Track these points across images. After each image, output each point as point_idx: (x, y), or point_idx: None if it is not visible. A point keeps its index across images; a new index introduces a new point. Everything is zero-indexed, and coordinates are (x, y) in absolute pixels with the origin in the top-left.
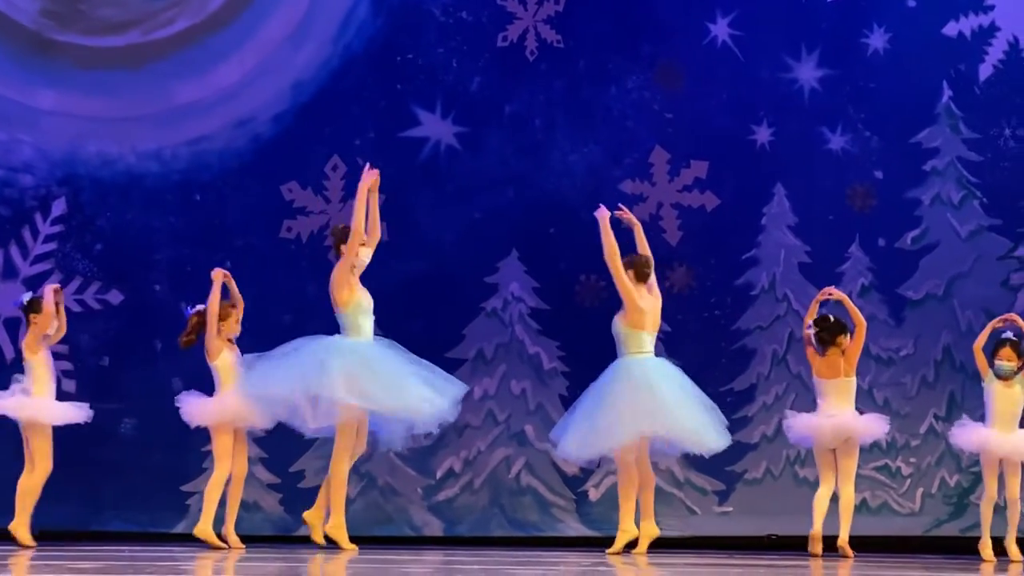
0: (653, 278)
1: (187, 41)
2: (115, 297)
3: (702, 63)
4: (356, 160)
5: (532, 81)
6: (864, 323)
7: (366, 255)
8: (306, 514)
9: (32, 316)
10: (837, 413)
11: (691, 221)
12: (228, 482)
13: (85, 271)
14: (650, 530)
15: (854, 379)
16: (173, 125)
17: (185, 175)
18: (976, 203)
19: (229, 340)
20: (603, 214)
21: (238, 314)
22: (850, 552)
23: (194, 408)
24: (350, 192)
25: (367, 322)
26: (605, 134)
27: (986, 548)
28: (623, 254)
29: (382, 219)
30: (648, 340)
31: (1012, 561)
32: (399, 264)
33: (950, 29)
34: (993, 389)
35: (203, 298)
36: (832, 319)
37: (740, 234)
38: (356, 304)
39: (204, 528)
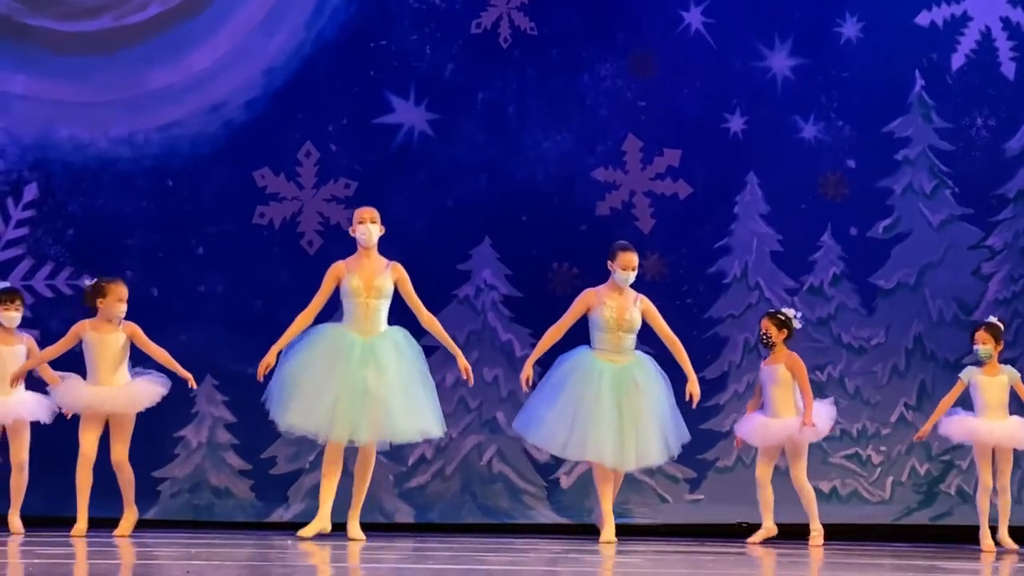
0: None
1: (160, 26)
2: (87, 283)
3: (675, 52)
4: (329, 146)
5: (505, 69)
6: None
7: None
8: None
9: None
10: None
11: (664, 209)
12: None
13: (57, 256)
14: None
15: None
16: (145, 110)
17: (157, 160)
18: (948, 192)
19: (109, 321)
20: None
21: (117, 293)
22: (1012, 544)
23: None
24: (323, 179)
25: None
26: (578, 122)
27: (986, 538)
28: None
29: (352, 206)
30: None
31: (1008, 551)
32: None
33: (922, 19)
34: (979, 382)
35: (176, 285)
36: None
37: (713, 223)
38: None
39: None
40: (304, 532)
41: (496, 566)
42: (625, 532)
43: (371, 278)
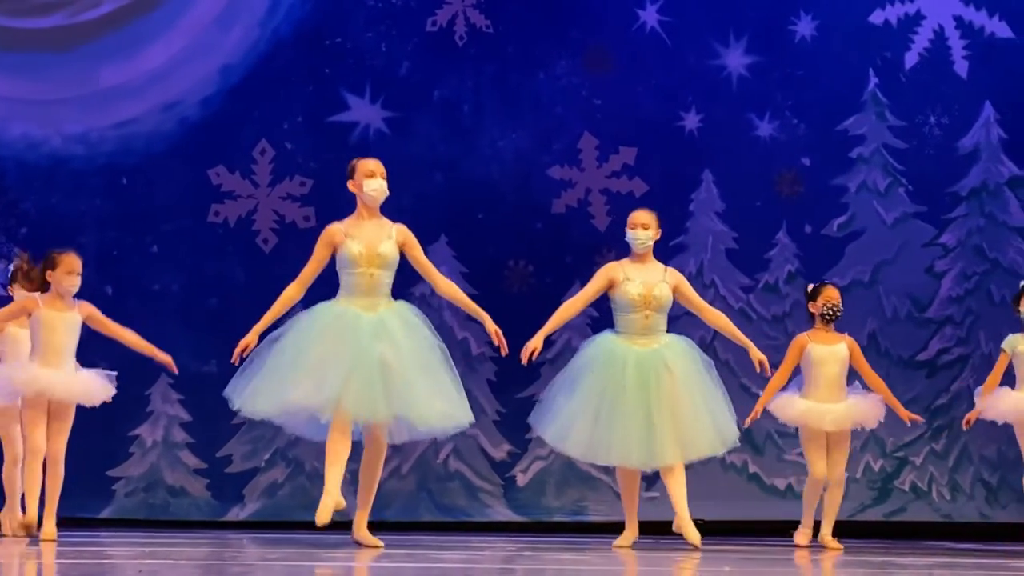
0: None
1: (114, 23)
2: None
3: (631, 49)
4: (284, 144)
5: (461, 66)
6: None
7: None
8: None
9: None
10: None
11: (619, 207)
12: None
13: (9, 255)
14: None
15: None
16: (100, 108)
17: (112, 158)
18: (902, 190)
19: (60, 298)
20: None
21: (68, 264)
22: None
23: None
24: (278, 177)
25: None
26: (534, 120)
27: None
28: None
29: (308, 204)
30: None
31: None
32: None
33: (876, 17)
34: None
35: (130, 283)
36: None
37: (668, 220)
38: None
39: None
40: (321, 516)
41: (452, 564)
42: (581, 530)
43: (375, 244)
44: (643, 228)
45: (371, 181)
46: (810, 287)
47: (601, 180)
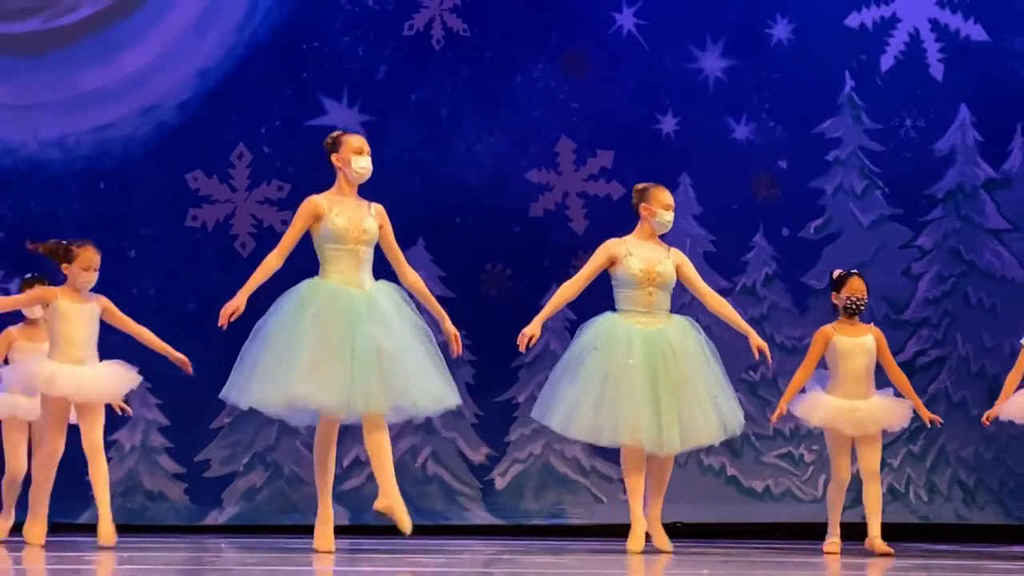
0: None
1: (91, 28)
2: (18, 287)
3: (608, 53)
4: (262, 148)
5: (438, 70)
6: None
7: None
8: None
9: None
10: None
11: (597, 210)
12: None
13: None
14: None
15: None
16: (77, 112)
17: (89, 163)
18: (878, 193)
19: (76, 291)
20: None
21: (86, 258)
22: None
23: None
24: (256, 181)
25: None
26: (511, 123)
27: None
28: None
29: (286, 208)
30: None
31: None
32: (303, 255)
33: (852, 20)
34: None
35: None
36: None
37: None
38: None
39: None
40: (328, 545)
41: (431, 568)
42: (560, 533)
43: (360, 220)
44: (673, 209)
45: (360, 159)
46: (836, 274)
47: (579, 183)
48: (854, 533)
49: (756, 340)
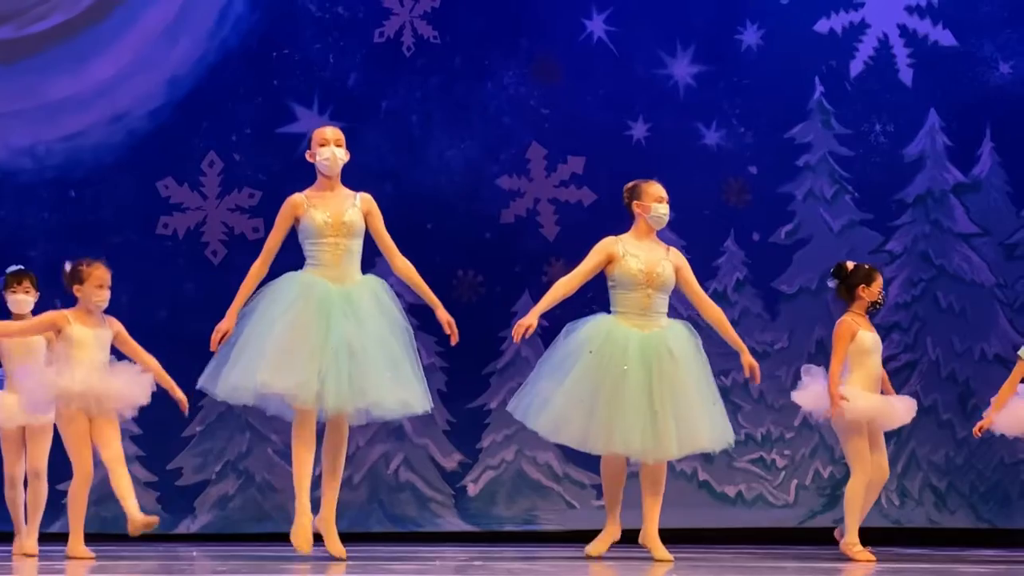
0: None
1: (61, 36)
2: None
3: (578, 59)
4: (233, 156)
5: (409, 77)
6: None
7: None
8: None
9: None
10: None
11: (568, 216)
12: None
13: None
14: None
15: None
16: (47, 121)
17: (59, 171)
18: (848, 198)
19: (89, 312)
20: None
21: (97, 277)
22: None
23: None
24: (227, 188)
25: None
26: (482, 130)
27: None
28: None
29: (257, 216)
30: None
31: None
32: (277, 261)
33: (821, 26)
34: None
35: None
36: None
37: (617, 229)
38: None
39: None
40: (306, 544)
41: (404, 574)
42: (532, 539)
43: (340, 212)
44: (667, 202)
45: (323, 150)
46: (853, 266)
47: (550, 189)
48: (827, 538)
49: (748, 359)
